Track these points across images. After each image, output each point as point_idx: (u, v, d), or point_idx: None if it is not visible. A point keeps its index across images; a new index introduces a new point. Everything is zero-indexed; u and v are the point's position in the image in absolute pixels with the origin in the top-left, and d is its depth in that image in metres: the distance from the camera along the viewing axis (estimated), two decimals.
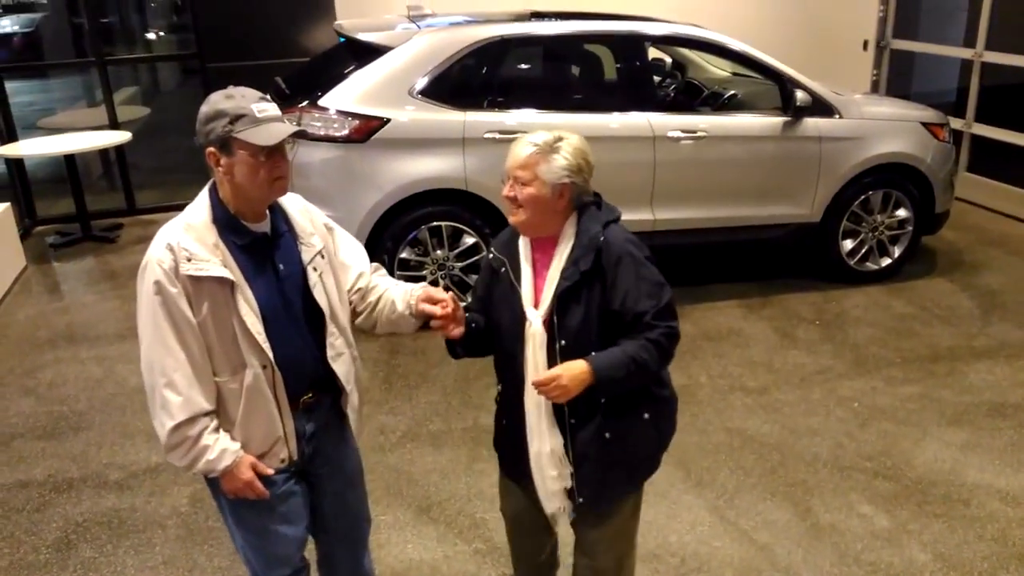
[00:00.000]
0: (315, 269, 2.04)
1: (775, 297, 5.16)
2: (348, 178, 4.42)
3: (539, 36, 5.01)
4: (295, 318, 2.03)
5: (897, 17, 7.75)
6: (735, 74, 5.83)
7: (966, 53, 6.90)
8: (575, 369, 1.99)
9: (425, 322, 2.12)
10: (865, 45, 7.87)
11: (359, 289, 2.18)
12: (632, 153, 4.76)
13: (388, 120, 4.37)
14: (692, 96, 5.66)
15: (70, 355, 4.59)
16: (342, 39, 5.21)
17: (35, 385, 4.29)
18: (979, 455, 3.57)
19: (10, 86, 6.65)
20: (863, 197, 5.12)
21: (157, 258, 1.87)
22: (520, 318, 2.09)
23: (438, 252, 4.64)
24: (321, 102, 4.46)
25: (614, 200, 5.24)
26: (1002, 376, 4.20)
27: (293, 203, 2.10)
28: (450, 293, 2.08)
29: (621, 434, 2.15)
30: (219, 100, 1.88)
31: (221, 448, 1.95)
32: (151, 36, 13.06)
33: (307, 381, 2.08)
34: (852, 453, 3.60)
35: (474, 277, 4.72)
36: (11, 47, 13.74)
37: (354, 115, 4.37)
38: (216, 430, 1.96)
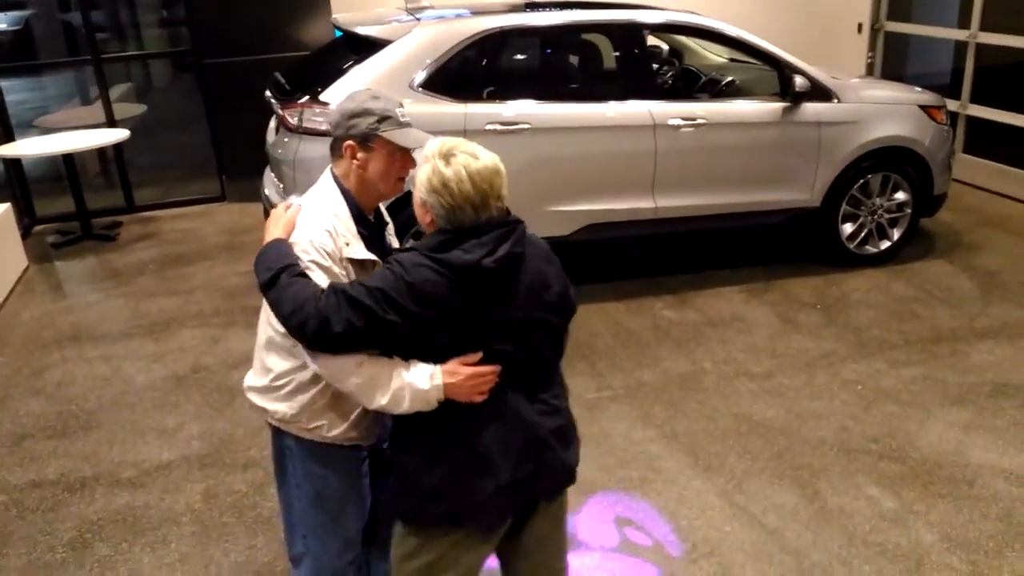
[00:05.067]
0: None
1: (776, 282, 5.20)
2: None
3: (538, 27, 5.01)
4: None
5: None
6: (731, 60, 5.85)
7: (960, 34, 6.92)
8: None
9: None
10: (860, 28, 7.88)
11: None
12: (633, 142, 4.77)
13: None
14: (689, 83, 5.67)
15: (76, 354, 4.60)
16: (339, 33, 5.21)
17: (43, 385, 4.30)
18: (983, 435, 3.62)
19: (2, 84, 6.62)
20: (862, 181, 5.14)
21: (320, 241, 2.00)
22: None
23: None
24: (322, 97, 4.46)
25: (615, 189, 5.21)
26: (1003, 356, 4.24)
27: None
28: None
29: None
30: (366, 99, 2.05)
31: (416, 372, 1.92)
32: (144, 32, 12.98)
33: None
34: (857, 436, 3.64)
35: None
36: (1, 45, 13.65)
37: None
38: (407, 368, 1.94)
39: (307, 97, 4.51)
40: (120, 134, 6.45)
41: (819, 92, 4.97)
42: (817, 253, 5.39)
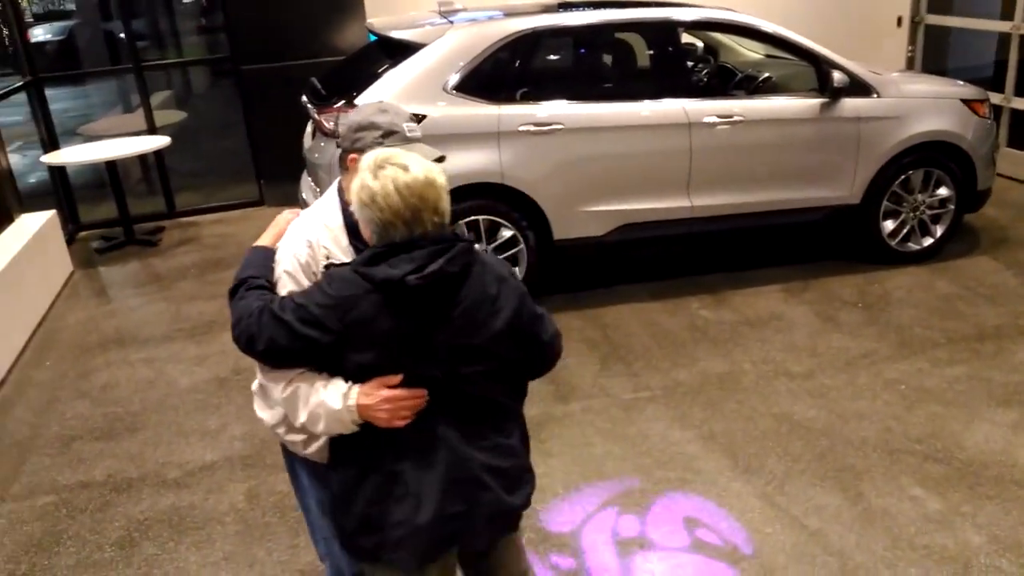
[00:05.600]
0: None
1: (816, 280, 5.13)
2: None
3: (571, 27, 5.00)
4: None
5: None
6: (768, 56, 5.79)
7: (1004, 26, 6.76)
8: None
9: None
10: (899, 21, 7.75)
11: None
12: (667, 141, 4.75)
13: (423, 117, 4.39)
14: (725, 80, 5.62)
15: (120, 358, 4.70)
16: (374, 37, 5.25)
17: (89, 388, 4.40)
18: None
19: (47, 94, 6.78)
20: (903, 177, 5.05)
21: (294, 252, 1.98)
22: None
23: (476, 247, 4.65)
24: (357, 101, 4.49)
25: (650, 189, 5.18)
26: None
27: None
28: None
29: None
30: (373, 113, 2.02)
31: (331, 390, 1.86)
32: (184, 40, 13.22)
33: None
34: (901, 436, 3.58)
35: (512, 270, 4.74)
36: (46, 55, 13.98)
37: None
38: (325, 384, 1.87)
39: (342, 102, 4.55)
40: (161, 141, 6.57)
41: (858, 87, 4.90)
42: (858, 251, 5.31)
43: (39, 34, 15.99)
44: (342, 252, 2.00)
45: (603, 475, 3.45)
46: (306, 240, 1.99)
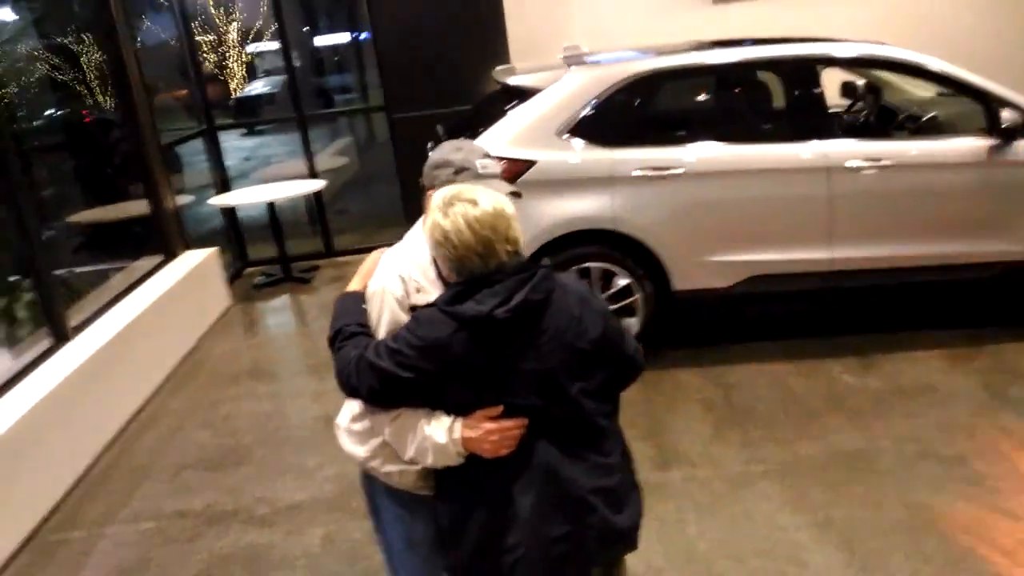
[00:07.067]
0: None
1: (988, 347, 4.44)
2: None
3: (693, 66, 4.67)
4: None
5: None
6: (940, 94, 5.17)
7: None
8: None
9: None
10: None
11: None
12: (801, 186, 4.32)
13: (534, 162, 4.29)
14: (886, 121, 5.07)
15: (248, 390, 4.91)
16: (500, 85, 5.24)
17: (213, 418, 4.61)
18: None
19: (257, 140, 7.39)
20: None
21: (388, 288, 2.03)
22: None
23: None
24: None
25: (782, 238, 4.73)
26: None
27: None
28: None
29: None
30: (449, 151, 2.10)
31: (435, 425, 1.92)
32: (371, 91, 14.16)
33: None
34: None
35: (628, 321, 4.49)
36: (254, 107, 15.56)
37: (500, 159, 4.33)
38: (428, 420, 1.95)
39: None
40: (315, 185, 6.94)
41: None
42: None
43: (256, 87, 17.82)
44: (430, 284, 2.03)
45: (691, 559, 3.10)
46: (398, 275, 2.03)
